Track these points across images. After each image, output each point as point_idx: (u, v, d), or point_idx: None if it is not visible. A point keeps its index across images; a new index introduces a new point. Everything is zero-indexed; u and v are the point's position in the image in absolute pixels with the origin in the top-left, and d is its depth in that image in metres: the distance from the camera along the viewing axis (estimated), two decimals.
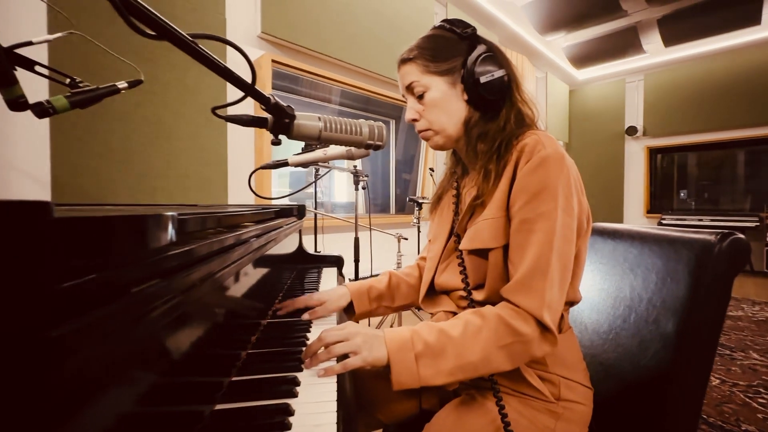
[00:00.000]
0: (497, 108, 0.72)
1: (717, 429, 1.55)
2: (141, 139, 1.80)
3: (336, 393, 0.52)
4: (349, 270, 1.87)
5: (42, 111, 0.61)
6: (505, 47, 4.44)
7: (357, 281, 0.91)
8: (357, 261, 1.93)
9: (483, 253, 0.68)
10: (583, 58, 5.18)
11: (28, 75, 0.66)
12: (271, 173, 2.43)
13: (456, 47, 0.72)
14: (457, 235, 0.75)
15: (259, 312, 0.74)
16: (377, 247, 2.63)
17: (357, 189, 1.83)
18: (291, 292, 0.96)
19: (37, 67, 0.67)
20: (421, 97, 0.73)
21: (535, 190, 0.62)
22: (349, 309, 0.88)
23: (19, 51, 0.62)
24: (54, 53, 1.49)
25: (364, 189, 1.83)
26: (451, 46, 0.72)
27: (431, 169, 3.19)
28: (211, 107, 0.59)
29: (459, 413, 0.67)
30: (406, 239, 2.51)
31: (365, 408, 0.81)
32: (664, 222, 5.45)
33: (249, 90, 0.51)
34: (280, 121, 0.58)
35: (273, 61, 2.37)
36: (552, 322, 0.59)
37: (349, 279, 1.47)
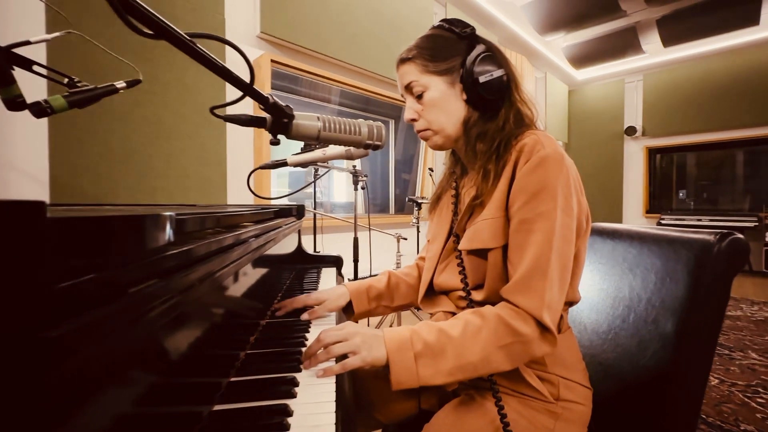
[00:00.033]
0: (496, 108, 0.72)
1: (716, 429, 1.55)
2: (140, 139, 1.80)
3: (335, 393, 0.52)
4: (349, 270, 1.87)
5: (40, 111, 0.61)
6: (505, 47, 4.44)
7: (356, 281, 0.91)
8: (356, 261, 1.93)
9: (482, 254, 0.68)
10: (583, 58, 5.19)
11: (26, 75, 0.66)
12: (271, 173, 2.43)
13: (455, 47, 0.72)
14: (456, 235, 0.75)
15: (258, 312, 0.74)
16: (376, 247, 2.63)
17: (356, 189, 1.83)
18: (290, 292, 0.96)
19: (36, 67, 0.67)
20: (420, 97, 0.73)
21: (535, 190, 0.62)
22: (348, 309, 0.88)
23: (17, 51, 0.62)
24: (52, 53, 1.49)
25: (363, 189, 1.83)
26: (450, 45, 0.72)
27: (430, 169, 3.20)
28: (210, 107, 0.59)
29: (458, 413, 0.67)
30: (405, 239, 2.51)
31: (364, 408, 0.80)
32: (663, 222, 5.46)
33: (247, 89, 0.51)
34: (278, 121, 0.58)
35: (272, 61, 2.36)
36: (552, 322, 0.59)
37: (349, 279, 1.47)
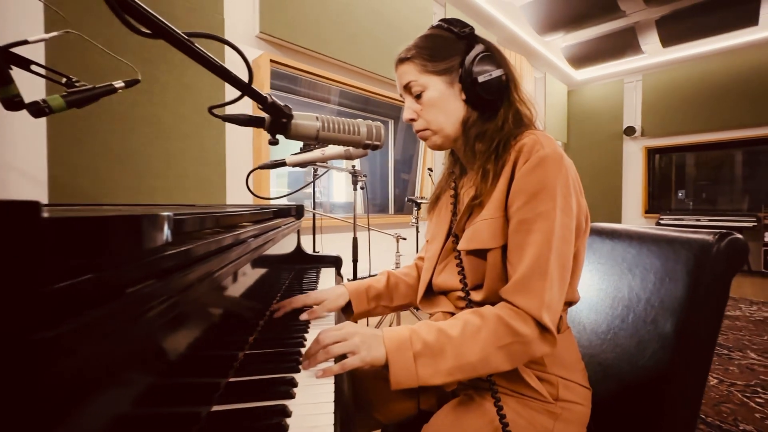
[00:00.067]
0: (495, 108, 0.72)
1: (715, 428, 1.55)
2: (139, 139, 1.80)
3: (333, 394, 0.52)
4: (348, 270, 1.87)
5: (38, 110, 0.61)
6: (504, 47, 4.44)
7: (355, 281, 0.91)
8: (355, 261, 1.93)
9: (481, 254, 0.68)
10: (582, 58, 5.19)
11: (24, 74, 0.66)
12: (270, 173, 2.43)
13: (454, 46, 0.72)
14: (455, 236, 0.74)
15: (257, 312, 0.74)
16: (376, 247, 2.63)
17: (355, 189, 1.82)
18: (289, 292, 0.96)
19: (34, 67, 0.67)
20: (419, 97, 0.73)
21: (534, 190, 0.62)
22: (348, 309, 0.88)
23: (16, 50, 0.61)
24: (51, 53, 1.49)
25: (362, 189, 1.83)
26: (449, 45, 0.72)
27: (430, 169, 3.20)
28: (208, 107, 0.58)
29: (457, 414, 0.67)
30: (404, 239, 2.51)
31: (363, 408, 0.80)
32: (662, 222, 5.46)
33: (246, 89, 0.51)
34: (277, 121, 0.58)
35: (272, 61, 2.36)
36: (551, 322, 0.59)
37: (348, 279, 1.47)
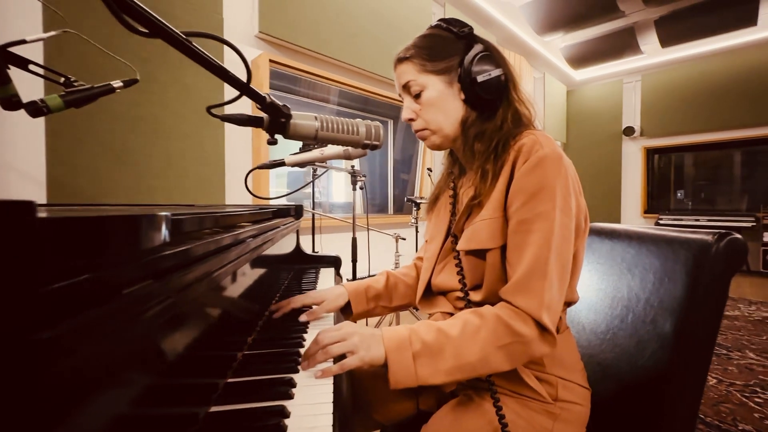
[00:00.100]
0: (494, 107, 0.72)
1: (714, 428, 1.55)
2: (138, 139, 1.80)
3: (332, 394, 0.52)
4: (347, 270, 1.87)
5: (36, 110, 0.61)
6: (503, 47, 4.44)
7: (354, 281, 0.91)
8: (355, 261, 1.93)
9: (480, 254, 0.68)
10: (581, 58, 5.20)
11: (23, 74, 0.66)
12: (269, 173, 2.42)
13: (453, 46, 0.72)
14: (454, 236, 0.74)
15: (256, 313, 0.73)
16: (375, 248, 2.63)
17: (355, 189, 1.82)
18: (288, 292, 0.96)
19: (32, 66, 0.66)
20: (418, 97, 0.72)
21: (533, 190, 0.62)
22: (347, 309, 0.87)
23: (13, 49, 0.61)
24: (49, 52, 1.49)
25: (361, 189, 1.83)
26: (448, 45, 0.72)
27: (429, 169, 3.20)
28: (206, 106, 0.58)
29: (456, 414, 0.67)
30: (404, 239, 2.51)
31: (362, 409, 0.80)
32: (661, 222, 5.47)
33: (244, 89, 0.51)
34: (276, 121, 0.58)
35: (271, 61, 2.36)
36: (551, 322, 0.59)
37: (347, 279, 1.47)
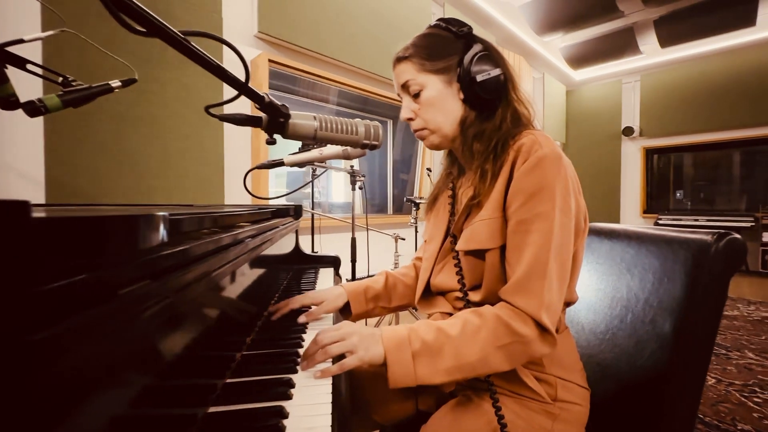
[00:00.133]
0: (493, 107, 0.72)
1: (713, 428, 1.55)
2: (137, 139, 1.79)
3: (331, 395, 0.52)
4: (346, 270, 1.87)
5: (34, 110, 0.60)
6: (502, 47, 4.44)
7: (353, 281, 0.90)
8: (354, 261, 1.93)
9: (480, 254, 0.68)
10: (580, 58, 5.20)
11: (21, 74, 0.66)
12: (268, 173, 2.42)
13: (452, 46, 0.71)
14: (454, 236, 0.74)
15: (255, 313, 0.73)
16: (374, 248, 2.63)
17: (354, 189, 1.82)
18: (287, 292, 0.96)
19: (30, 66, 0.66)
20: (417, 96, 0.72)
21: (533, 190, 0.62)
22: (346, 309, 0.87)
23: (12, 49, 0.61)
24: (48, 52, 1.48)
25: (361, 189, 1.83)
26: (447, 44, 0.72)
27: (428, 169, 3.20)
28: (204, 106, 0.58)
29: (455, 414, 0.67)
30: (403, 239, 2.51)
31: (361, 409, 0.80)
32: (660, 222, 5.47)
33: (242, 88, 0.51)
34: (274, 120, 0.58)
35: (270, 61, 2.36)
36: (551, 323, 0.59)
37: (346, 279, 1.46)
